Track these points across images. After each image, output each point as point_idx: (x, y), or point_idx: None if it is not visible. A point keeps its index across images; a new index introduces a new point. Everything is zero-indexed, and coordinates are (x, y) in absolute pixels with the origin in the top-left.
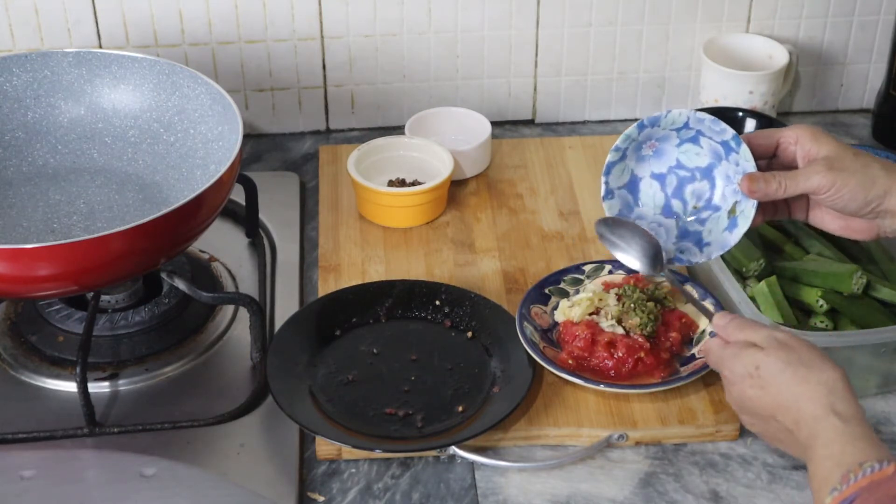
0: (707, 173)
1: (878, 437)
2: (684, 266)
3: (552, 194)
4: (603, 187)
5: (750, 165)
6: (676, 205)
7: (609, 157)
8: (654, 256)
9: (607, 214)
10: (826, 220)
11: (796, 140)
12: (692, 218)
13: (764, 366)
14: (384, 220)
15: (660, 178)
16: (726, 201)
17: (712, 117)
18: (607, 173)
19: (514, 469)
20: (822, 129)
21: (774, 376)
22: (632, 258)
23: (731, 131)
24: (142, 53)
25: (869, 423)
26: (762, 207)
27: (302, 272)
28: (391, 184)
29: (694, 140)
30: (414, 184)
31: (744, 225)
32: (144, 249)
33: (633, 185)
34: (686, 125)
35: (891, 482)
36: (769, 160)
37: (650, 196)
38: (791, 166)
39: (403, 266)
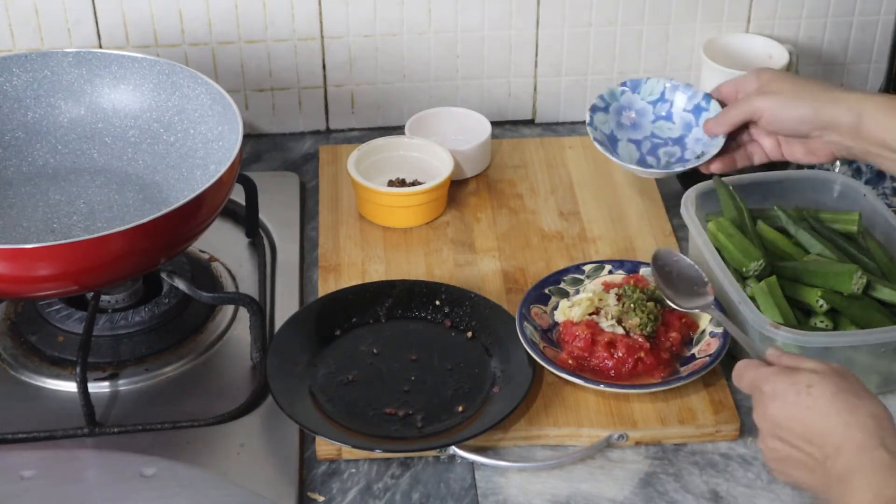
0: (679, 141)
1: None
2: None
3: (552, 194)
4: (588, 116)
5: None
6: (651, 160)
7: (594, 102)
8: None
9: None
10: (794, 150)
11: (744, 87)
12: (664, 170)
13: (818, 386)
14: (384, 220)
15: (636, 142)
16: (694, 153)
17: (685, 84)
18: (593, 112)
19: (514, 469)
20: (776, 71)
21: (825, 398)
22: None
23: (701, 93)
24: (142, 53)
25: None
26: (736, 153)
27: (302, 272)
28: (391, 184)
29: (667, 118)
30: (414, 184)
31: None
32: (144, 249)
33: (612, 140)
34: (662, 97)
35: None
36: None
37: (627, 152)
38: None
39: (403, 266)
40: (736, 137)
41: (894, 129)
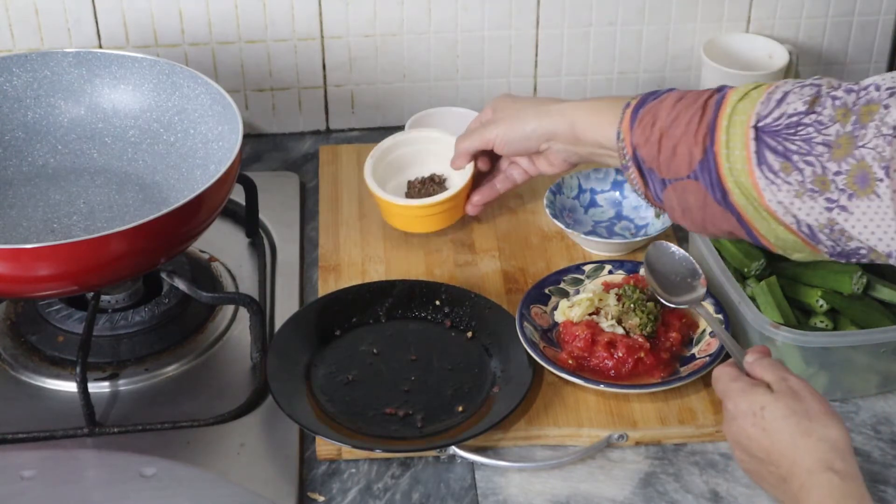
0: (620, 217)
1: (873, 495)
2: None
3: None
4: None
5: None
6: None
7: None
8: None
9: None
10: (540, 165)
11: (480, 118)
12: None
13: (769, 409)
14: (409, 227)
15: (589, 233)
16: (641, 219)
17: (593, 168)
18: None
19: (514, 469)
20: (507, 97)
21: (777, 421)
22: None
23: (612, 171)
24: (142, 53)
25: (866, 487)
26: (496, 179)
27: (302, 272)
28: (411, 185)
29: (593, 204)
30: (433, 180)
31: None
32: (144, 249)
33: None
34: (580, 189)
35: None
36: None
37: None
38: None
39: (403, 266)
40: (494, 165)
41: (602, 130)
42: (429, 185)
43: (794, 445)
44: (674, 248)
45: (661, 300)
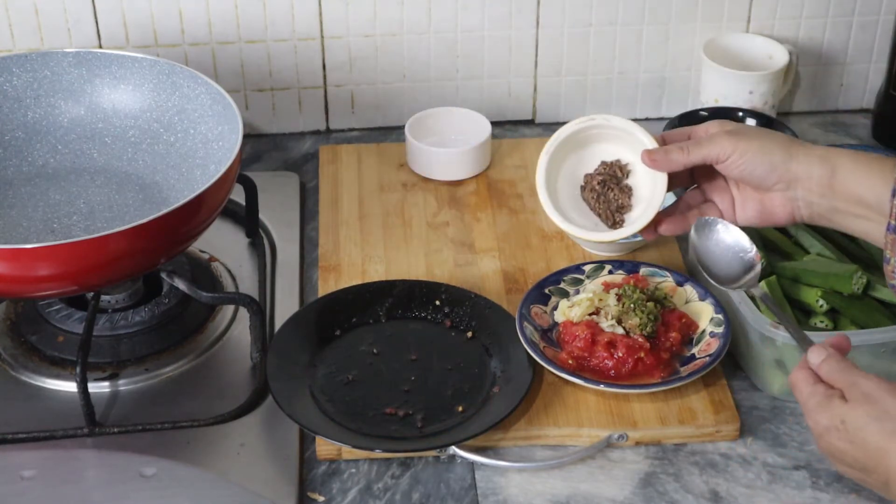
0: None
1: None
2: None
3: None
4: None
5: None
6: None
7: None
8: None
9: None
10: (748, 213)
11: (706, 128)
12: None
13: (849, 421)
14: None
15: None
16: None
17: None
18: None
19: (514, 469)
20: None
21: (860, 431)
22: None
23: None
24: (142, 53)
25: None
26: (689, 214)
27: (302, 272)
28: (588, 181)
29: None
30: (615, 175)
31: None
32: (144, 249)
33: None
34: None
35: None
36: None
37: None
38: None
39: (403, 266)
40: (687, 198)
41: (870, 183)
42: (610, 184)
43: (885, 450)
44: (723, 222)
45: (714, 283)
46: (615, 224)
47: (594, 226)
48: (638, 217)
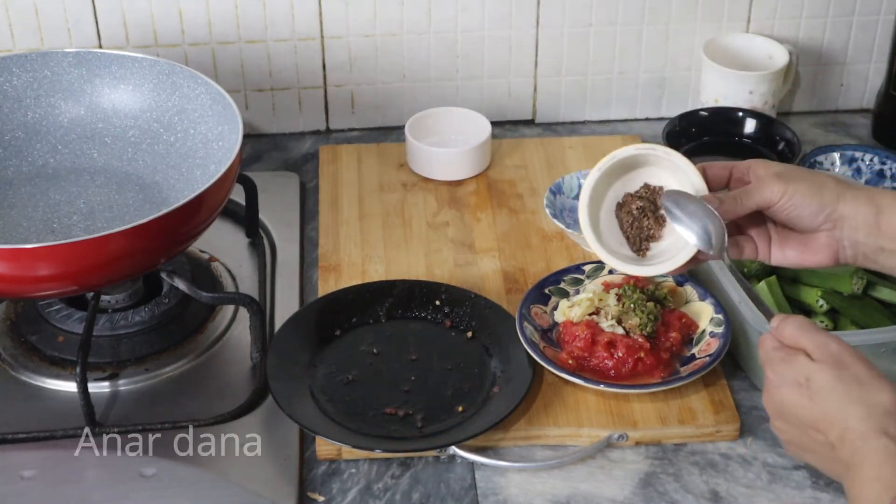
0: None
1: None
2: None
3: None
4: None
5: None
6: None
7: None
8: (719, 238)
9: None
10: (787, 253)
11: (748, 168)
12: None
13: (815, 378)
14: None
15: None
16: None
17: (596, 168)
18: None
19: (514, 469)
20: (779, 162)
21: (825, 390)
22: (693, 234)
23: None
24: (142, 53)
25: None
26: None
27: (302, 272)
28: (626, 202)
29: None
30: (652, 200)
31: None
32: (144, 249)
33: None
34: (580, 189)
35: None
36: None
37: None
38: None
39: (403, 266)
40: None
41: None
42: (647, 211)
43: (845, 412)
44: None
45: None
46: (640, 251)
47: (618, 245)
48: (668, 251)
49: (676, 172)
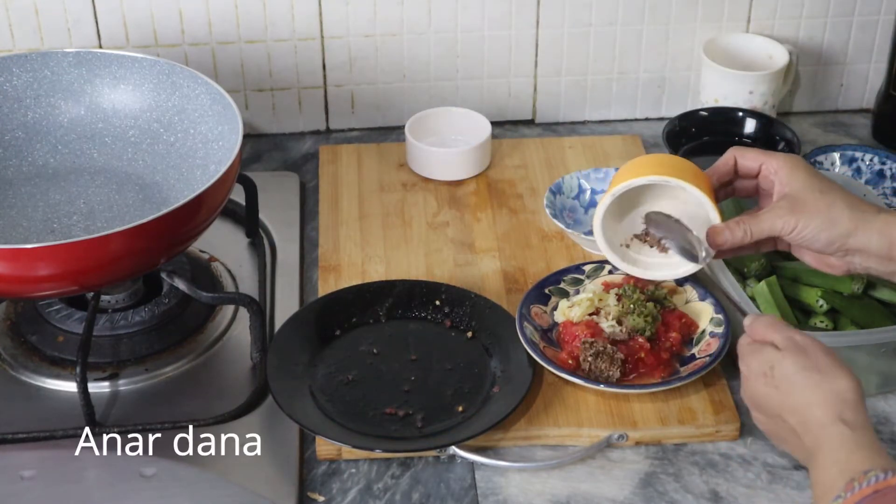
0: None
1: (884, 445)
2: None
3: None
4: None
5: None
6: None
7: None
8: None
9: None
10: (802, 253)
11: (776, 170)
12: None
13: (778, 367)
14: None
15: (589, 233)
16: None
17: (594, 168)
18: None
19: (514, 469)
20: (804, 163)
21: (787, 378)
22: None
23: (612, 172)
24: (142, 53)
25: (877, 436)
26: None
27: (302, 272)
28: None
29: (593, 204)
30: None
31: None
32: (144, 249)
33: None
34: (580, 189)
35: (895, 492)
36: (753, 179)
37: None
38: (769, 192)
39: (403, 266)
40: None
41: None
42: (655, 232)
43: (806, 400)
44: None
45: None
46: (662, 248)
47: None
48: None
49: (696, 209)
